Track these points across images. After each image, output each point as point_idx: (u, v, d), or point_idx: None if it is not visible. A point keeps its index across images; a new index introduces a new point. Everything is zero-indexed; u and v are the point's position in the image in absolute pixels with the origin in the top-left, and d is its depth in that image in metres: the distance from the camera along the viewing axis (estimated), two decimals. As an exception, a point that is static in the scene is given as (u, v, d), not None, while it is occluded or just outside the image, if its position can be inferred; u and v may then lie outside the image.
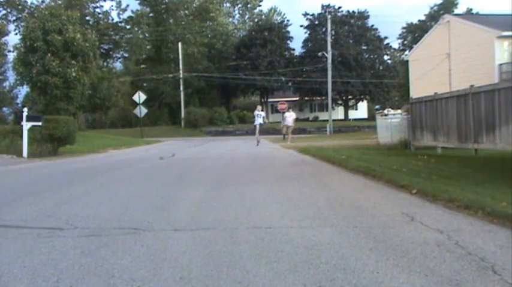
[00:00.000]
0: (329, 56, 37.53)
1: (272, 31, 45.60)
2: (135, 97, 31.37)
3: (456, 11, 39.48)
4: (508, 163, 8.37)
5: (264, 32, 45.98)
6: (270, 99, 47.06)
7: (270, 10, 57.57)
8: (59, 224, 4.17)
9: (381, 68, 48.11)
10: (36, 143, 14.79)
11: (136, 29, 44.16)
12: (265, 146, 18.03)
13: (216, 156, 13.71)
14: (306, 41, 47.91)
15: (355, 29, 46.92)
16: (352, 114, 49.91)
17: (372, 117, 42.62)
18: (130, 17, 44.34)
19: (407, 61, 26.46)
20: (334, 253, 3.09)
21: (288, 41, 48.02)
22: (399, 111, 19.13)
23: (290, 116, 22.03)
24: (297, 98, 49.41)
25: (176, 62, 44.70)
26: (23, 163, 12.52)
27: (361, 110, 52.99)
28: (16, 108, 38.43)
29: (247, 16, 56.20)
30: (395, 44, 60.23)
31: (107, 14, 40.03)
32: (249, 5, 54.40)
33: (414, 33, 42.24)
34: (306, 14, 47.75)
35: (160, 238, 3.63)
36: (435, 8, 42.24)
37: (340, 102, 49.20)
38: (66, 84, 21.81)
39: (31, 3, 37.47)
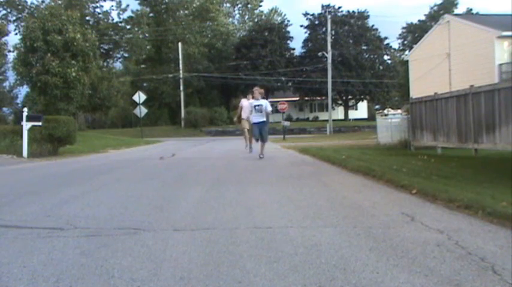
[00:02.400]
0: (329, 56, 37.56)
1: (272, 31, 45.62)
2: (135, 97, 31.37)
3: (456, 11, 39.64)
4: (508, 163, 8.37)
5: (264, 32, 46.00)
6: (270, 100, 47.06)
7: (271, 10, 57.64)
8: (59, 224, 4.17)
9: (381, 68, 48.15)
10: (36, 143, 14.77)
11: (136, 29, 44.22)
12: (265, 146, 17.94)
13: (216, 156, 13.71)
14: (306, 41, 47.95)
15: (355, 29, 46.95)
16: (352, 114, 49.93)
17: (372, 117, 42.67)
18: (130, 17, 44.43)
19: (407, 61, 26.45)
20: (334, 253, 3.08)
21: (288, 41, 48.09)
22: (399, 111, 19.18)
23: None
24: (297, 98, 49.44)
25: (176, 62, 44.71)
26: (23, 163, 12.51)
27: (361, 110, 53.02)
28: (16, 108, 38.48)
29: (247, 16, 56.22)
30: (395, 44, 60.44)
31: (106, 14, 40.09)
32: (249, 6, 54.43)
33: (414, 33, 42.34)
34: (306, 14, 47.82)
35: (161, 238, 3.62)
36: (435, 8, 42.35)
37: (340, 102, 49.22)
38: (66, 84, 21.84)
39: (31, 3, 37.56)
